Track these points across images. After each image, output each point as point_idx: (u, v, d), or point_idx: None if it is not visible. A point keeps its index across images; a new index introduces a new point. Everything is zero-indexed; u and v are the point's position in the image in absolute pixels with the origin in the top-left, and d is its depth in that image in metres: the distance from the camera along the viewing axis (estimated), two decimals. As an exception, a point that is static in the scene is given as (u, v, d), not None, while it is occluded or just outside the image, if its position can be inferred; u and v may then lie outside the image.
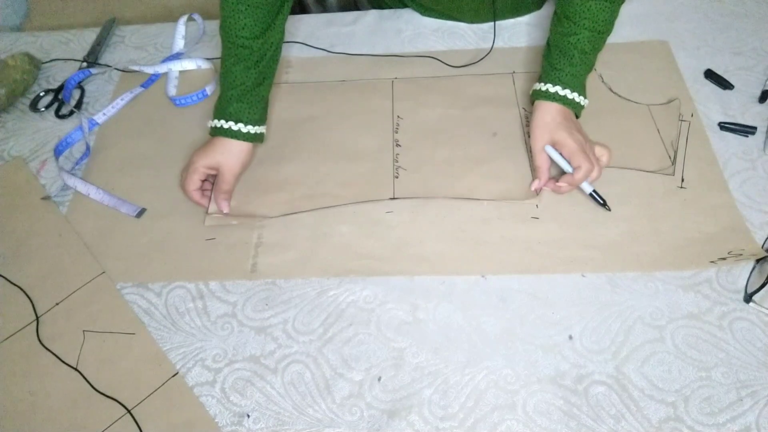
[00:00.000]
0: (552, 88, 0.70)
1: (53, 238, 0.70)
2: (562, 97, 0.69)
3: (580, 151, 0.67)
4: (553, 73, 0.70)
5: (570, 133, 0.68)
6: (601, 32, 0.70)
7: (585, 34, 0.69)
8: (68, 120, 0.84)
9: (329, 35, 0.92)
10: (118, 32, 0.98)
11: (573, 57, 0.69)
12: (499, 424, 0.54)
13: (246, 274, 0.66)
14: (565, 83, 0.70)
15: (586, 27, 0.69)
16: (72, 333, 0.62)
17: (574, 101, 0.70)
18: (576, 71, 0.70)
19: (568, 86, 0.70)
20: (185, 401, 0.57)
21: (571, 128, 0.68)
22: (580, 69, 0.70)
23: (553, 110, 0.70)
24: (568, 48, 0.70)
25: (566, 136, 0.67)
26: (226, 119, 0.70)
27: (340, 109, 0.81)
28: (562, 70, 0.70)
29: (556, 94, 0.70)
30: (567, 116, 0.70)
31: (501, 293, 0.62)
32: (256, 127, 0.72)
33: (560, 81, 0.70)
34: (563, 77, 0.70)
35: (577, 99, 0.70)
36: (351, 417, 0.56)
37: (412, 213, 0.69)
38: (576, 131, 0.69)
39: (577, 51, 0.69)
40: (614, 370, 0.57)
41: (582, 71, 0.71)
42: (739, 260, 0.62)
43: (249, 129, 0.71)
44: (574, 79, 0.70)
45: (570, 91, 0.70)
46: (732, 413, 0.54)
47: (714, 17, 0.89)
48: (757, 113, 0.76)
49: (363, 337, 0.60)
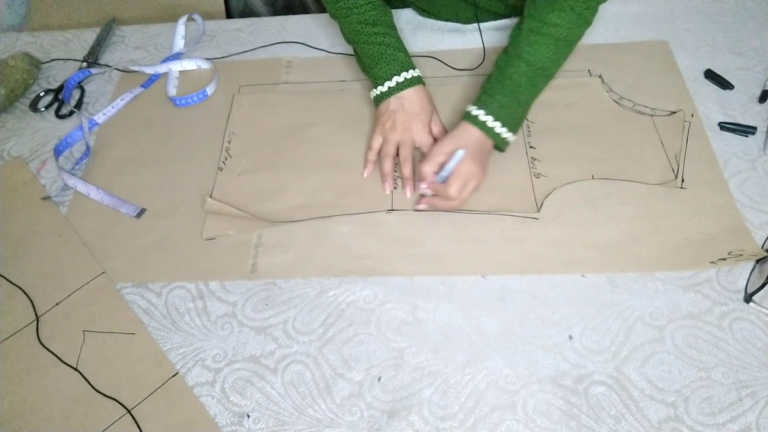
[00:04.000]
0: (476, 111, 0.68)
1: (53, 238, 0.70)
2: (482, 123, 0.68)
3: (462, 180, 0.65)
4: (484, 98, 0.69)
5: (473, 161, 0.66)
6: (542, 68, 0.68)
7: (522, 67, 0.67)
8: (68, 120, 0.85)
9: (329, 35, 0.92)
10: (118, 32, 0.98)
11: (505, 87, 0.68)
12: (499, 424, 0.54)
13: (246, 274, 0.66)
14: (492, 111, 0.68)
15: (524, 60, 0.67)
16: (72, 333, 0.62)
17: (494, 131, 0.68)
18: (506, 102, 0.68)
19: (494, 115, 0.68)
20: (185, 401, 0.57)
21: (477, 159, 0.67)
22: (510, 101, 0.68)
23: (473, 137, 0.68)
24: (503, 77, 0.68)
25: (468, 161, 0.66)
26: (398, 73, 0.73)
27: (339, 117, 0.80)
28: (492, 97, 0.68)
29: (477, 118, 0.68)
30: (482, 147, 0.68)
31: (501, 293, 0.62)
32: (419, 71, 0.75)
33: (488, 108, 0.68)
34: (492, 105, 0.68)
35: (499, 130, 0.68)
36: (351, 417, 0.56)
37: (412, 213, 0.69)
38: (479, 165, 0.67)
39: (510, 82, 0.68)
40: (614, 370, 0.57)
41: (513, 103, 0.68)
42: (739, 260, 0.62)
43: (417, 73, 0.74)
44: (503, 110, 0.68)
45: (492, 119, 0.68)
46: (732, 413, 0.54)
47: (714, 17, 0.89)
48: (757, 113, 0.76)
49: (363, 337, 0.60)
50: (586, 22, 0.68)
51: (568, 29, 0.67)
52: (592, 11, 0.68)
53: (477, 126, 0.68)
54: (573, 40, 0.69)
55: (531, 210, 0.68)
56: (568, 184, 0.70)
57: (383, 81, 0.74)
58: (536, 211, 0.68)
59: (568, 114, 0.78)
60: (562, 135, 0.75)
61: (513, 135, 0.70)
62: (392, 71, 0.73)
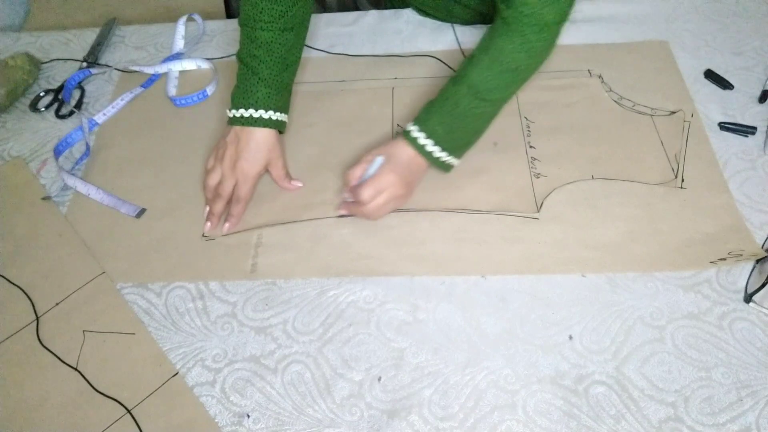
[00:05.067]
0: (411, 128, 0.66)
1: (53, 238, 0.70)
2: (414, 139, 0.65)
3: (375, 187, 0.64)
4: (422, 116, 0.66)
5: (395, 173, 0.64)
6: (483, 99, 0.64)
7: (463, 89, 0.64)
8: (68, 120, 0.84)
9: (329, 35, 0.92)
10: (118, 32, 0.98)
11: (444, 107, 0.65)
12: (499, 424, 0.54)
13: (246, 274, 0.66)
14: (426, 130, 0.65)
15: (466, 82, 0.64)
16: (72, 333, 0.62)
17: (425, 149, 0.65)
18: (444, 122, 0.65)
19: (428, 133, 0.65)
20: (185, 401, 0.57)
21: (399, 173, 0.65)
22: (449, 122, 0.65)
23: (403, 152, 0.66)
24: (444, 97, 0.65)
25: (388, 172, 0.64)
26: (246, 107, 0.69)
27: (339, 117, 0.80)
28: (430, 115, 0.65)
29: (410, 134, 0.65)
30: (410, 164, 0.66)
31: (501, 293, 0.62)
32: (281, 114, 0.71)
33: (423, 126, 0.65)
34: (428, 124, 0.65)
35: (432, 149, 0.65)
36: (351, 417, 0.56)
37: (412, 213, 0.69)
38: (401, 179, 0.65)
39: (450, 103, 0.65)
40: (614, 370, 0.57)
41: (452, 125, 0.65)
42: (739, 260, 0.62)
43: (271, 115, 0.70)
44: (439, 129, 0.65)
45: (425, 136, 0.65)
46: (732, 413, 0.54)
47: (714, 17, 0.89)
48: (757, 113, 0.76)
49: (363, 337, 0.60)
50: (537, 53, 0.64)
51: (516, 57, 0.63)
52: (544, 43, 0.63)
53: (409, 143, 0.66)
54: (522, 69, 0.64)
55: (531, 210, 0.68)
56: (568, 184, 0.70)
57: (234, 107, 0.70)
58: (536, 211, 0.68)
59: (568, 114, 0.78)
60: (562, 135, 0.75)
61: (452, 158, 0.67)
62: (243, 102, 0.69)
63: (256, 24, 0.68)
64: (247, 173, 0.69)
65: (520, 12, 0.60)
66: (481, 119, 0.67)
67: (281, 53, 0.70)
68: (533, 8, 0.60)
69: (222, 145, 0.71)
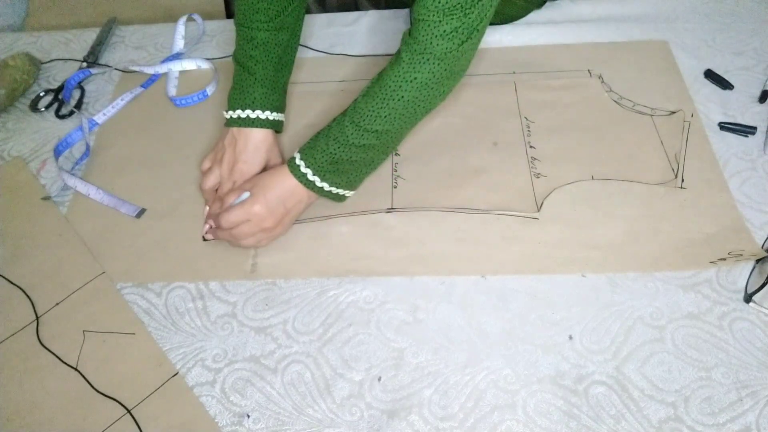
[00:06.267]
0: (299, 161, 0.63)
1: (53, 238, 0.70)
2: (297, 169, 0.63)
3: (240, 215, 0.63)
4: (308, 145, 0.64)
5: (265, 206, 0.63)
6: (366, 130, 0.61)
7: (348, 120, 0.62)
8: (68, 120, 0.84)
9: (329, 35, 0.92)
10: (118, 32, 0.98)
11: (329, 137, 0.62)
12: (499, 424, 0.54)
13: (246, 274, 0.66)
14: (311, 160, 0.63)
15: (351, 113, 0.62)
16: (72, 333, 0.62)
17: (308, 179, 0.63)
18: (328, 151, 0.62)
19: (311, 164, 0.63)
20: (185, 401, 0.57)
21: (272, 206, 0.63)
22: (333, 151, 0.62)
23: (283, 184, 0.64)
24: (332, 125, 0.63)
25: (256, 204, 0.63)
26: (242, 108, 0.69)
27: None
28: (318, 143, 0.63)
29: (294, 164, 0.63)
30: (288, 195, 0.64)
31: (501, 293, 0.62)
32: (277, 114, 0.71)
33: (308, 156, 0.63)
34: (314, 153, 0.63)
35: (312, 178, 0.63)
36: (351, 417, 0.56)
37: (412, 213, 0.69)
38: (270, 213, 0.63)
39: (334, 132, 0.62)
40: (614, 370, 0.57)
41: (336, 157, 0.62)
42: (739, 260, 0.62)
43: (268, 115, 0.69)
44: (324, 158, 0.62)
45: (305, 166, 0.63)
46: (732, 413, 0.54)
47: (714, 17, 0.89)
48: (757, 113, 0.76)
49: (363, 337, 0.60)
50: (424, 85, 0.59)
51: (402, 87, 0.59)
52: (431, 75, 0.58)
53: (293, 172, 0.63)
54: (410, 102, 0.60)
55: (531, 210, 0.68)
56: (568, 184, 0.70)
57: (230, 108, 0.70)
58: (536, 211, 0.68)
59: (568, 114, 0.78)
60: (562, 135, 0.75)
61: (343, 190, 0.66)
62: (240, 103, 0.69)
63: (252, 24, 0.68)
64: (246, 175, 0.69)
65: (411, 43, 0.58)
66: (369, 151, 0.63)
67: (277, 53, 0.70)
68: (423, 39, 0.57)
69: (220, 147, 0.71)
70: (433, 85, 0.60)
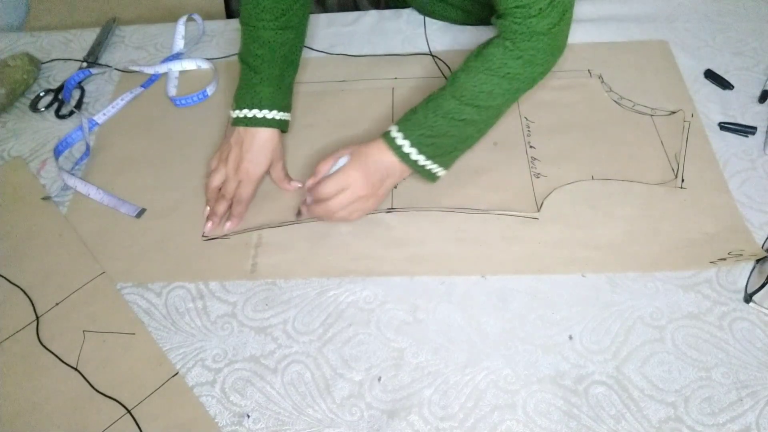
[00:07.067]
0: (393, 130, 0.63)
1: (53, 238, 0.70)
2: (394, 142, 0.62)
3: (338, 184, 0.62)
4: (406, 119, 0.63)
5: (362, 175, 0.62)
6: (468, 104, 0.62)
7: (449, 95, 0.62)
8: (68, 120, 0.84)
9: (329, 35, 0.92)
10: (118, 32, 0.98)
11: (428, 111, 0.62)
12: (499, 424, 0.54)
13: (246, 274, 0.66)
14: (410, 135, 0.62)
15: (452, 88, 0.62)
16: (72, 333, 0.62)
17: (407, 155, 0.62)
18: (427, 125, 0.62)
19: (410, 138, 0.62)
20: (185, 401, 0.57)
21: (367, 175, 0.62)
22: (432, 125, 0.62)
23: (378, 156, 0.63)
24: (431, 100, 0.63)
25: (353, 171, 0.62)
26: (249, 107, 0.69)
27: (339, 117, 0.80)
28: (416, 117, 0.63)
29: (392, 138, 0.62)
30: (384, 169, 0.63)
31: (501, 293, 0.62)
32: (283, 113, 0.71)
33: (408, 131, 0.62)
34: (413, 127, 0.62)
35: (414, 155, 0.62)
36: (351, 417, 0.56)
37: (412, 213, 0.69)
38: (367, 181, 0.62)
39: (433, 106, 0.62)
40: (614, 370, 0.57)
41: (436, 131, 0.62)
42: (739, 260, 0.62)
43: (274, 114, 0.70)
44: (424, 132, 0.62)
45: (407, 143, 0.62)
46: (732, 413, 0.54)
47: (714, 17, 0.89)
48: (757, 113, 0.76)
49: (363, 337, 0.60)
50: (529, 61, 0.61)
51: (507, 64, 0.61)
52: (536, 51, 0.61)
53: (390, 147, 0.63)
54: (514, 77, 0.62)
55: (531, 210, 0.68)
56: (568, 184, 0.70)
57: (237, 107, 0.70)
58: (536, 211, 0.68)
59: (568, 114, 0.78)
60: (562, 135, 0.75)
61: (436, 166, 0.64)
62: (247, 102, 0.69)
63: (258, 23, 0.68)
64: (251, 174, 0.69)
65: (511, 21, 0.60)
66: (469, 126, 0.64)
67: (283, 52, 0.70)
68: (521, 18, 0.59)
69: (226, 146, 0.71)
70: (539, 60, 0.62)
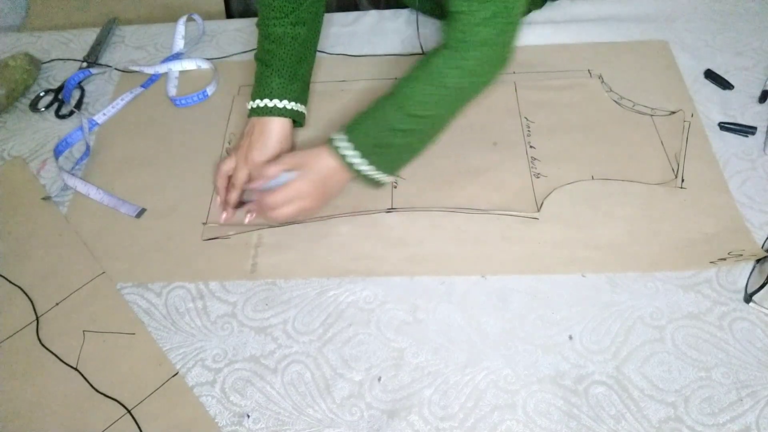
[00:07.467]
0: (337, 137, 0.63)
1: (53, 238, 0.70)
2: (338, 150, 0.62)
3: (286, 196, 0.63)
4: (351, 126, 0.63)
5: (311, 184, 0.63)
6: (411, 114, 0.61)
7: (392, 103, 0.62)
8: (68, 120, 0.84)
9: (329, 35, 0.92)
10: (118, 32, 0.98)
11: (373, 120, 0.62)
12: (499, 424, 0.54)
13: (246, 274, 0.66)
14: (355, 141, 0.62)
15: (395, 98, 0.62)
16: (72, 333, 0.62)
17: (350, 161, 0.62)
18: (371, 133, 0.62)
19: (355, 144, 0.62)
20: (185, 401, 0.57)
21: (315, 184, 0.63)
22: (376, 134, 0.62)
23: (323, 163, 0.63)
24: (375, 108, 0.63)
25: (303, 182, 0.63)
26: (261, 98, 0.71)
27: (339, 117, 0.80)
28: (360, 125, 0.63)
29: (335, 144, 0.62)
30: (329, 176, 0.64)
31: (501, 293, 0.62)
32: (295, 104, 0.72)
33: (352, 137, 0.62)
34: (357, 134, 0.62)
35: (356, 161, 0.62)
36: (351, 417, 0.56)
37: (412, 213, 0.69)
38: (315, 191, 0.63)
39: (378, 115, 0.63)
40: (614, 370, 0.57)
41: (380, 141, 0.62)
42: (739, 260, 0.62)
43: (285, 104, 0.71)
44: (368, 140, 0.62)
45: (351, 148, 0.61)
46: (732, 413, 0.54)
47: (714, 17, 0.89)
48: (757, 113, 0.76)
49: (363, 337, 0.60)
50: (471, 71, 0.60)
51: (449, 73, 0.60)
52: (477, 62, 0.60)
53: (333, 154, 0.63)
54: (456, 88, 0.61)
55: (531, 210, 0.68)
56: (568, 184, 0.70)
57: (251, 99, 0.72)
58: (536, 211, 0.68)
59: (568, 114, 0.78)
60: (562, 135, 0.75)
61: (379, 173, 0.64)
62: (259, 94, 0.71)
63: (269, 21, 0.71)
64: (257, 164, 0.69)
65: (454, 29, 0.59)
66: (410, 136, 0.63)
67: (294, 46, 0.71)
68: (463, 26, 0.58)
69: (242, 136, 0.73)
70: (479, 72, 0.61)
